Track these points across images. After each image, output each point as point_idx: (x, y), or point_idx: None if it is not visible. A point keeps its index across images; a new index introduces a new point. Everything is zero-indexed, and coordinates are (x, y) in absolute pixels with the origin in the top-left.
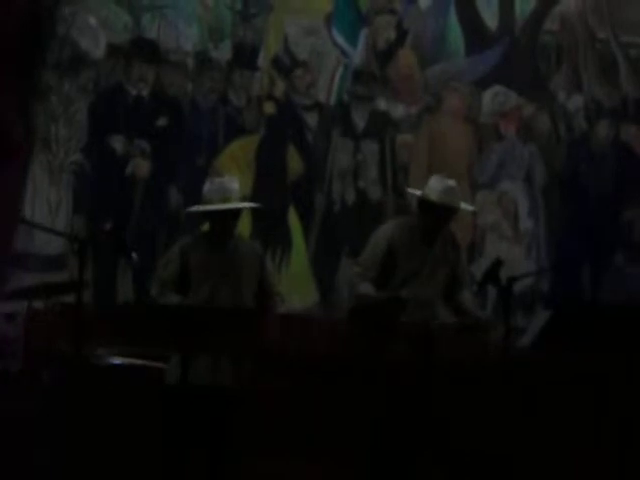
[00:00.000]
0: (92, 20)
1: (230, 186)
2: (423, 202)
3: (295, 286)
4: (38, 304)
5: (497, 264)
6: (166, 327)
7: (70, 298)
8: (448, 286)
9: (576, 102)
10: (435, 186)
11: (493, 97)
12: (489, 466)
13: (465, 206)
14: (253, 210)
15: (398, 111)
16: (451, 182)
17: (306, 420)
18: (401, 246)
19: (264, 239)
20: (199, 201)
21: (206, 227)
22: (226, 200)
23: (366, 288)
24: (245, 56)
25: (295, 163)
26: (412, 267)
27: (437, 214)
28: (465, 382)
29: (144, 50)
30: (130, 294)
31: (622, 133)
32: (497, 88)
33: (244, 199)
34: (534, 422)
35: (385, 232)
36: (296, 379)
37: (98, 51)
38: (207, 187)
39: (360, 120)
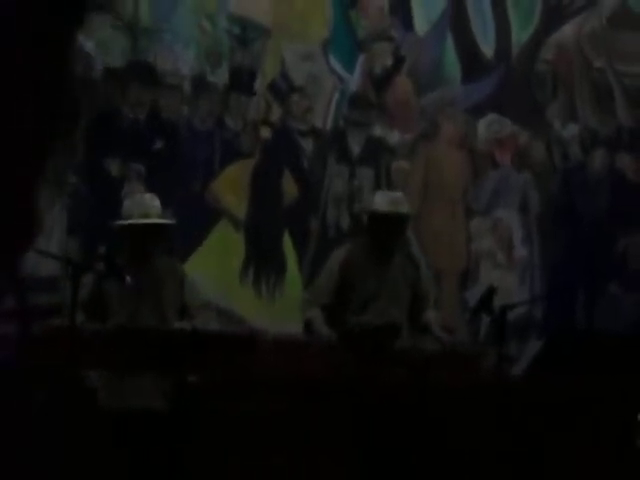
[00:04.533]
0: (89, 43)
1: (151, 202)
2: (372, 217)
3: (289, 310)
4: (31, 326)
5: (491, 292)
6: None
7: (63, 321)
8: (412, 306)
9: (571, 130)
10: (381, 199)
11: (488, 125)
12: None
13: (411, 211)
14: (247, 234)
15: (394, 137)
16: (397, 193)
17: (298, 442)
18: (355, 268)
19: (258, 263)
20: (195, 224)
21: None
22: (146, 216)
23: (312, 313)
24: (242, 80)
25: (290, 188)
26: (370, 289)
27: (387, 226)
28: (457, 409)
29: (141, 73)
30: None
31: (617, 162)
32: (493, 116)
33: (236, 223)
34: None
35: (337, 256)
36: (291, 401)
37: (95, 74)
38: (127, 203)
39: (356, 146)
